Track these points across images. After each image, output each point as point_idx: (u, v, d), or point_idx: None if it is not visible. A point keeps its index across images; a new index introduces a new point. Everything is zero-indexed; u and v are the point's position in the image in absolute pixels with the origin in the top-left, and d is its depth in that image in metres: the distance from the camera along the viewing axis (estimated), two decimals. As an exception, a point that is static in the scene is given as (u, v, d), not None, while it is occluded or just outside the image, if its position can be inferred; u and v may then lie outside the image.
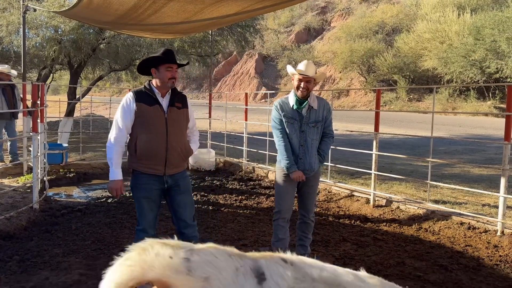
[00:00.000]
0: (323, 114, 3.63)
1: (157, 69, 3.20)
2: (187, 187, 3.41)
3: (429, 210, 5.47)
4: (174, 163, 3.27)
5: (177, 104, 3.29)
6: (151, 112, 3.17)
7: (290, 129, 3.61)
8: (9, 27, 9.68)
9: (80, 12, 5.96)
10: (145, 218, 3.27)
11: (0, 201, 5.66)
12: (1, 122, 8.26)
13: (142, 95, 3.20)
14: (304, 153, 3.60)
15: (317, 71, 3.65)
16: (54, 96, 37.13)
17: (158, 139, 3.17)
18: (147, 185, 3.23)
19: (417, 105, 28.54)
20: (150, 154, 3.18)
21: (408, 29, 32.51)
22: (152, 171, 3.21)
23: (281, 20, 53.31)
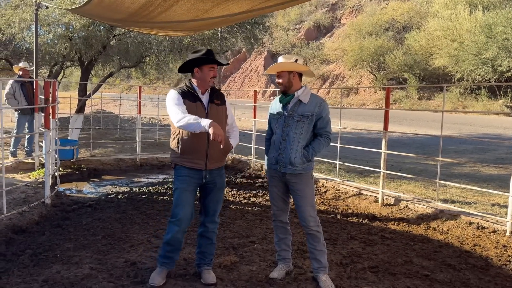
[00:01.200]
0: (314, 110, 3.38)
1: (200, 68, 3.33)
2: (222, 185, 3.54)
3: (438, 209, 5.45)
4: (215, 158, 3.38)
5: (216, 101, 3.42)
6: (193, 109, 3.29)
7: (275, 124, 3.54)
8: (21, 24, 9.79)
9: (92, 10, 6.01)
10: (182, 211, 3.36)
11: (13, 196, 5.75)
12: (23, 117, 8.40)
13: (185, 92, 3.36)
14: (285, 147, 3.42)
15: (293, 64, 3.43)
16: (65, 92, 37.44)
17: (200, 135, 3.27)
18: (188, 178, 3.35)
19: (427, 103, 28.32)
20: (193, 149, 3.30)
21: (418, 26, 32.22)
22: (194, 165, 3.33)
23: (290, 17, 53.17)
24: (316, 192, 6.97)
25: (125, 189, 7.02)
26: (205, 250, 3.56)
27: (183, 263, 3.89)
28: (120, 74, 22.48)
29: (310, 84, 39.73)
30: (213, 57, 3.35)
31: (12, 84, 8.22)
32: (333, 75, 40.31)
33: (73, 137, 10.18)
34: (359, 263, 3.96)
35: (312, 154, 3.41)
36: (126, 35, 10.57)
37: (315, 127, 3.44)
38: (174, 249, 3.43)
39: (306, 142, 3.44)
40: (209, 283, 3.43)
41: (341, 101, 7.74)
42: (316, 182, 7.44)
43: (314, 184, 3.59)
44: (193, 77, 3.41)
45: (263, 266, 3.84)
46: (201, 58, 3.31)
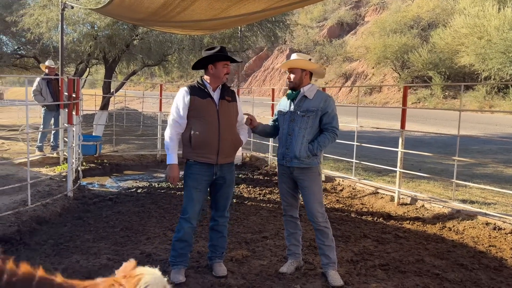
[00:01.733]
0: (319, 105, 3.44)
1: (214, 65, 3.44)
2: (232, 180, 3.65)
3: (454, 209, 5.40)
4: (226, 153, 3.47)
5: (227, 97, 3.52)
6: (204, 105, 3.41)
7: (282, 119, 3.60)
8: (49, 23, 10.13)
9: (114, 10, 6.20)
10: (191, 208, 3.48)
11: (38, 189, 6.00)
12: (49, 113, 8.74)
13: (195, 89, 3.46)
14: (290, 142, 3.48)
15: (308, 62, 3.53)
16: (91, 90, 38.36)
17: (211, 130, 3.38)
18: (198, 175, 3.45)
19: (452, 102, 27.73)
20: (204, 144, 3.40)
21: (444, 24, 31.49)
22: (206, 160, 3.42)
23: (313, 14, 52.82)
24: (332, 190, 6.99)
25: (145, 184, 7.21)
26: (216, 243, 3.66)
27: (196, 256, 4.00)
28: (144, 72, 22.90)
29: (332, 82, 39.47)
30: (226, 54, 3.44)
31: (38, 82, 8.56)
32: (356, 73, 39.88)
33: (97, 133, 10.47)
34: (370, 260, 3.99)
35: (317, 148, 3.44)
36: (148, 34, 10.80)
37: (321, 122, 3.50)
38: (186, 245, 3.53)
39: (312, 137, 3.49)
40: (220, 275, 3.53)
41: (358, 99, 7.76)
42: (332, 180, 7.45)
43: (321, 180, 3.64)
44: (206, 73, 3.51)
45: (273, 261, 3.92)
46: (215, 55, 3.40)
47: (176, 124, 3.43)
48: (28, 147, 5.40)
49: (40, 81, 8.58)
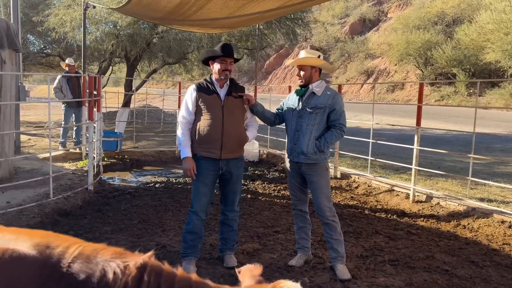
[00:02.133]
0: (327, 102, 3.47)
1: (214, 61, 3.55)
2: (239, 176, 3.73)
3: (470, 207, 5.35)
4: (229, 148, 3.55)
5: (234, 94, 3.60)
6: (209, 100, 3.52)
7: (290, 115, 3.65)
8: (73, 22, 10.44)
9: (133, 9, 6.38)
10: (198, 201, 3.59)
11: (60, 183, 6.24)
12: (69, 110, 9.03)
13: (202, 86, 3.59)
14: (298, 138, 3.53)
15: (318, 59, 3.56)
16: (115, 88, 39.12)
17: (215, 124, 3.49)
18: (204, 170, 3.55)
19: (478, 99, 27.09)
20: (208, 139, 3.50)
21: (470, 19, 30.75)
22: (210, 154, 3.53)
23: (335, 11, 52.37)
24: (347, 188, 7.01)
25: (163, 179, 7.38)
26: (226, 236, 3.76)
27: (209, 248, 4.12)
28: (166, 71, 23.24)
29: (353, 79, 39.11)
30: (227, 51, 3.49)
31: (59, 79, 8.86)
32: (378, 70, 39.38)
33: (119, 129, 10.74)
34: (380, 256, 4.02)
35: (324, 145, 3.49)
36: (168, 33, 11.00)
37: (328, 119, 3.53)
38: (196, 237, 3.64)
39: (320, 133, 3.53)
40: (230, 266, 3.63)
41: (374, 97, 7.70)
42: (348, 177, 7.46)
43: (329, 175, 3.69)
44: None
45: (283, 255, 3.99)
46: (213, 51, 3.55)
47: (185, 120, 3.57)
48: (51, 142, 5.62)
49: (61, 79, 8.88)
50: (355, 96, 37.52)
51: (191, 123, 3.57)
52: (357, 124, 15.64)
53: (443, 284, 3.41)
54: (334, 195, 6.52)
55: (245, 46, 12.56)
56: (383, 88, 35.47)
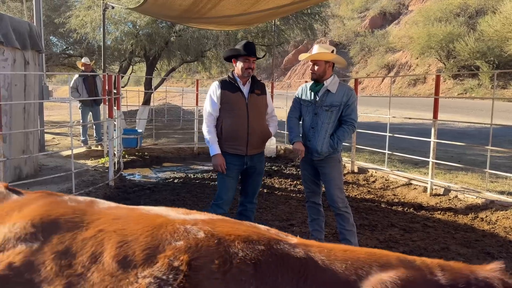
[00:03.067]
0: (342, 99, 3.53)
1: (237, 59, 3.63)
2: (262, 170, 3.84)
3: (488, 200, 5.28)
4: (255, 144, 3.66)
5: (256, 91, 3.69)
6: (233, 98, 3.60)
7: (305, 111, 3.69)
8: (93, 23, 10.70)
9: (150, 8, 6.52)
10: (225, 195, 3.70)
11: (82, 179, 6.45)
12: (85, 109, 9.26)
13: (226, 83, 3.65)
14: (313, 135, 3.59)
15: (331, 54, 3.59)
16: (136, 87, 39.72)
17: (240, 122, 3.58)
18: (230, 165, 3.64)
19: (501, 92, 26.40)
20: (234, 136, 3.59)
21: (494, 10, 29.94)
22: (236, 151, 3.62)
23: (355, 5, 51.74)
24: (364, 182, 6.99)
25: (181, 175, 7.52)
26: (242, 228, 3.84)
27: (224, 241, 4.20)
28: (186, 69, 23.47)
29: (374, 73, 38.63)
30: (250, 50, 3.57)
31: (75, 79, 9.04)
32: (399, 64, 38.77)
33: (140, 127, 10.97)
34: (394, 248, 4.03)
35: (337, 143, 3.56)
36: (185, 31, 11.14)
37: (341, 114, 3.57)
38: None
39: (333, 130, 3.59)
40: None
41: (390, 90, 7.65)
42: (365, 172, 7.45)
43: (342, 167, 3.73)
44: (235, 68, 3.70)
45: (298, 247, 4.04)
46: (236, 50, 3.59)
47: (211, 117, 3.62)
48: (72, 140, 5.81)
49: (77, 79, 9.06)
50: (375, 90, 37.06)
51: (216, 119, 3.64)
52: (377, 118, 15.50)
53: (456, 275, 3.40)
54: (351, 189, 6.52)
55: (262, 43, 12.60)
56: (405, 82, 34.92)
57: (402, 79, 35.02)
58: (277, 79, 42.66)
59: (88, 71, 9.09)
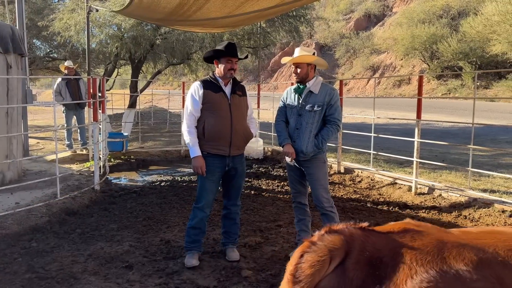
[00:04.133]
0: (325, 99, 3.58)
1: (219, 60, 3.61)
2: (243, 171, 3.83)
3: (471, 198, 5.38)
4: (238, 145, 3.66)
5: (238, 92, 3.69)
6: (216, 98, 3.58)
7: (289, 113, 3.74)
8: (77, 26, 10.61)
9: (134, 11, 6.49)
10: (205, 198, 3.68)
11: (68, 183, 6.38)
12: (69, 112, 9.14)
13: (208, 83, 3.63)
14: (298, 136, 3.63)
15: (313, 57, 3.64)
16: (122, 90, 39.42)
17: (224, 122, 3.56)
18: (212, 167, 3.62)
19: (484, 92, 26.89)
20: (217, 136, 3.57)
21: (475, 12, 30.51)
22: (219, 151, 3.61)
23: (339, 7, 52.20)
24: (351, 182, 7.06)
25: (168, 178, 7.49)
26: (229, 230, 3.85)
27: (212, 243, 4.21)
28: (172, 72, 23.39)
29: (359, 74, 39.00)
30: (232, 51, 3.58)
31: (58, 83, 8.92)
32: (384, 65, 39.23)
33: (126, 131, 10.88)
34: (380, 246, 4.07)
35: (322, 142, 3.60)
36: (171, 34, 11.12)
37: (324, 114, 3.61)
38: (200, 232, 3.73)
39: (318, 130, 3.63)
40: (232, 260, 3.72)
41: (374, 91, 7.73)
42: (351, 172, 7.51)
43: (327, 167, 3.77)
44: (216, 68, 3.69)
45: (285, 247, 4.07)
46: (218, 51, 3.58)
47: (192, 117, 3.59)
48: (56, 144, 5.75)
49: (60, 82, 8.93)
50: (361, 92, 37.42)
51: (197, 119, 3.62)
52: (362, 119, 15.65)
53: (440, 272, 3.46)
54: (337, 190, 6.58)
55: (248, 45, 12.64)
56: (390, 83, 35.33)
57: (387, 80, 35.43)
58: (263, 81, 42.74)
59: (71, 75, 8.98)
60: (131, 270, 3.56)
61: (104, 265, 3.67)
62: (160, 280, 3.38)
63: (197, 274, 3.48)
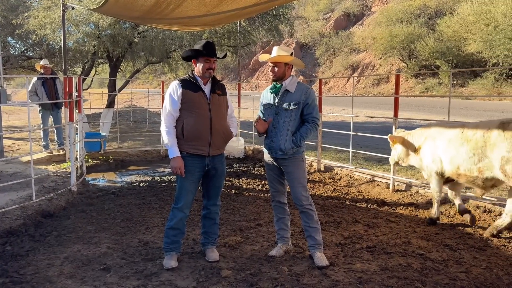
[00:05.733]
0: (301, 98, 3.60)
1: (197, 60, 3.56)
2: (223, 171, 3.79)
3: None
4: (217, 145, 3.62)
5: (217, 91, 3.65)
6: (195, 98, 3.53)
7: (267, 113, 3.75)
8: (53, 24, 10.37)
9: (111, 9, 6.38)
10: (184, 198, 3.63)
11: (44, 185, 6.24)
12: (45, 113, 8.92)
13: (186, 82, 3.58)
14: (275, 135, 3.64)
15: (289, 56, 3.64)
16: (101, 89, 38.79)
17: (203, 122, 3.52)
18: (191, 167, 3.57)
19: (460, 90, 27.48)
20: (197, 136, 3.52)
21: (451, 11, 31.15)
22: (198, 151, 3.56)
23: (319, 6, 52.51)
24: (330, 180, 7.12)
25: (147, 178, 7.41)
26: (209, 230, 3.83)
27: (191, 243, 4.18)
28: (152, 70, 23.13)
29: (339, 73, 39.34)
30: (211, 50, 3.55)
31: (34, 82, 8.66)
32: (363, 64, 39.67)
33: (104, 131, 10.72)
34: (358, 243, 4.13)
35: (300, 140, 3.61)
36: (149, 32, 10.99)
37: (302, 113, 3.63)
38: (179, 233, 3.69)
39: (295, 128, 3.64)
40: (212, 260, 3.70)
41: (353, 90, 7.81)
42: (331, 170, 7.58)
43: (305, 166, 3.79)
44: (195, 68, 3.65)
45: (265, 246, 4.08)
46: (196, 50, 3.54)
47: (170, 117, 3.54)
48: (31, 145, 5.61)
49: (36, 82, 8.69)
50: (341, 90, 37.74)
51: (176, 119, 3.57)
52: (342, 118, 15.80)
53: (417, 267, 3.53)
54: (317, 188, 6.63)
55: (228, 44, 12.60)
56: (369, 82, 35.76)
57: (366, 79, 35.85)
58: (244, 80, 42.67)
59: (47, 74, 8.77)
60: (108, 273, 3.51)
61: (81, 268, 3.61)
62: (138, 282, 3.33)
63: (176, 275, 3.45)
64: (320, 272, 3.44)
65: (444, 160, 4.52)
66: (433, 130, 4.82)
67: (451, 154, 4.41)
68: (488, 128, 4.15)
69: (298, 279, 3.32)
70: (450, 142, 4.44)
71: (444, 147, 4.51)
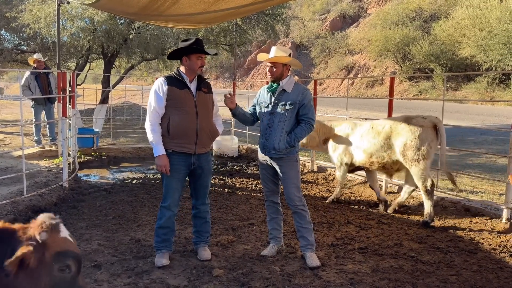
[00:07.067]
0: (297, 98, 3.60)
1: (188, 57, 3.52)
2: (209, 170, 3.76)
3: (439, 197, 5.53)
4: (204, 143, 3.59)
5: (203, 89, 3.62)
6: (181, 95, 3.50)
7: (262, 111, 3.75)
8: (47, 18, 10.25)
9: (107, 4, 6.34)
10: (171, 196, 3.61)
11: (35, 180, 6.19)
12: (38, 107, 8.84)
13: (172, 79, 3.54)
14: (270, 134, 3.64)
15: (287, 56, 3.65)
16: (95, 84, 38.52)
17: (189, 119, 3.49)
18: (177, 166, 3.55)
19: (453, 94, 27.67)
20: (183, 134, 3.49)
21: (446, 15, 31.36)
22: (184, 149, 3.53)
23: (316, 7, 52.60)
24: (323, 181, 7.13)
25: (140, 175, 7.38)
26: (200, 229, 3.82)
27: (183, 241, 4.17)
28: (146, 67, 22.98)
29: (334, 74, 39.44)
30: (202, 47, 3.53)
31: (27, 77, 8.58)
32: (358, 66, 39.79)
33: (97, 126, 10.64)
34: (350, 244, 4.14)
35: (294, 140, 3.61)
36: (145, 29, 10.92)
37: (298, 113, 3.63)
38: (169, 231, 3.68)
39: (290, 128, 3.64)
40: (204, 259, 3.69)
41: (347, 91, 7.84)
42: (324, 171, 7.59)
43: (299, 166, 3.79)
44: (182, 64, 3.60)
45: (257, 245, 4.08)
46: (189, 47, 3.51)
47: (155, 114, 3.49)
48: (23, 139, 5.56)
49: (29, 76, 8.60)
50: (336, 91, 37.84)
51: (161, 116, 3.54)
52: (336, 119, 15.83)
53: (408, 270, 3.54)
54: (310, 188, 6.64)
55: (224, 42, 12.55)
56: (363, 83, 35.88)
57: (361, 81, 35.97)
58: (240, 79, 42.61)
59: (41, 68, 8.69)
60: (99, 270, 3.49)
61: (71, 265, 3.58)
62: (129, 279, 3.32)
63: (167, 273, 3.44)
64: (312, 273, 3.45)
65: (357, 153, 5.43)
66: (344, 126, 5.72)
67: (365, 146, 5.31)
68: (395, 121, 5.13)
69: (290, 279, 3.32)
70: (363, 137, 5.36)
71: (357, 142, 5.43)
